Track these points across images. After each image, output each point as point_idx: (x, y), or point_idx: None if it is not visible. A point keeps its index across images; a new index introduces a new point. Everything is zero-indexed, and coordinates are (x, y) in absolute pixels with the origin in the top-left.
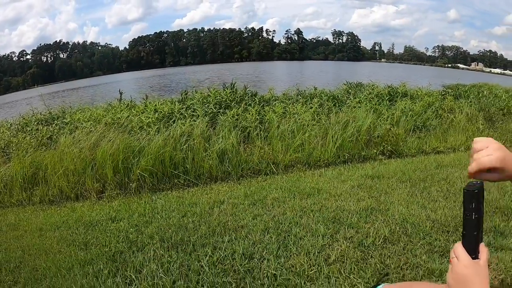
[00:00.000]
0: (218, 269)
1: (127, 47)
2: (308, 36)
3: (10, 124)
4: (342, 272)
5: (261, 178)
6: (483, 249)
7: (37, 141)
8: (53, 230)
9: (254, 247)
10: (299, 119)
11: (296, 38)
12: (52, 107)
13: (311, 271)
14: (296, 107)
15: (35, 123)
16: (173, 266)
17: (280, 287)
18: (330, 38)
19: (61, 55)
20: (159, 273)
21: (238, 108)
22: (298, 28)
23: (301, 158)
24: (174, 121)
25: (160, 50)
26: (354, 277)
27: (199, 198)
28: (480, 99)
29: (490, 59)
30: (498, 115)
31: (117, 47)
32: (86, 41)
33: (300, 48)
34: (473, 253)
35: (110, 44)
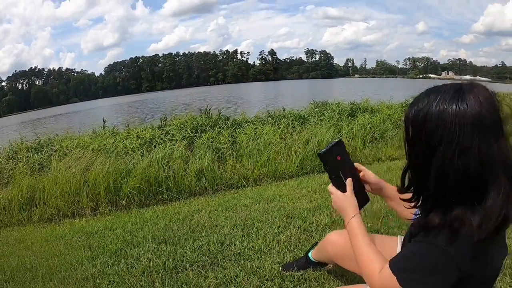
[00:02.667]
0: (197, 252)
1: (103, 73)
2: (282, 56)
3: None
4: (289, 248)
5: (234, 191)
6: (348, 184)
7: (30, 168)
8: (58, 240)
9: (225, 237)
10: (267, 139)
11: (270, 59)
12: (36, 135)
13: (266, 249)
14: (265, 128)
15: (25, 150)
16: (163, 253)
17: (243, 261)
18: (304, 57)
19: (37, 82)
20: (153, 258)
21: (213, 132)
22: (272, 49)
23: (268, 172)
24: (155, 146)
25: (136, 75)
26: (297, 251)
27: (181, 209)
28: None
29: (460, 67)
30: None
31: (93, 73)
32: (62, 68)
33: (274, 69)
34: (342, 189)
35: (86, 70)
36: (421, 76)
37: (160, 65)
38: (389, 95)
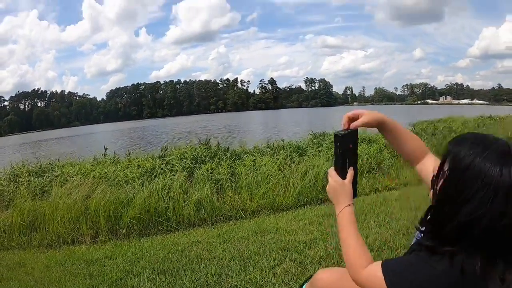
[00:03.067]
0: (195, 284)
1: (105, 98)
2: (281, 84)
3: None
4: (285, 281)
5: (232, 222)
6: (350, 172)
7: (31, 192)
8: (58, 266)
9: (222, 269)
10: (266, 170)
11: (270, 88)
12: (38, 157)
13: (262, 281)
14: (264, 159)
15: (26, 174)
16: (162, 284)
17: None
18: (303, 86)
19: (39, 104)
20: None
21: (212, 163)
22: (272, 78)
23: (266, 204)
24: (156, 176)
25: (137, 101)
26: (292, 283)
27: (180, 239)
28: (435, 135)
29: (458, 91)
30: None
31: (95, 98)
32: (64, 91)
33: (274, 97)
34: (343, 176)
35: (88, 95)
36: (419, 102)
37: (161, 92)
38: None
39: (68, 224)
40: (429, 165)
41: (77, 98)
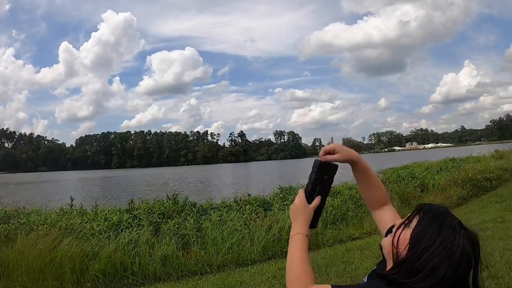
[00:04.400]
0: None
1: (74, 144)
2: (251, 137)
3: None
4: None
5: (197, 277)
6: (316, 200)
7: None
8: None
9: None
10: (232, 225)
11: (240, 140)
12: (2, 205)
13: None
14: (230, 215)
15: None
16: None
17: None
18: (273, 138)
19: (6, 144)
20: None
21: (179, 218)
22: (242, 131)
23: (231, 258)
24: (122, 230)
25: (107, 150)
26: None
27: None
28: (398, 183)
29: (423, 136)
30: (416, 192)
31: (64, 144)
32: (33, 134)
33: (244, 150)
34: (309, 201)
35: (57, 140)
36: (386, 149)
37: (131, 142)
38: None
39: (32, 274)
40: (389, 216)
41: (46, 142)
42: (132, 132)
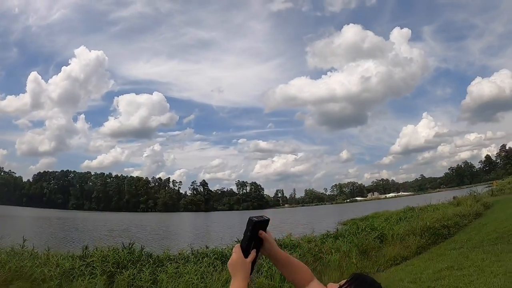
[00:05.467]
0: None
1: (31, 179)
2: (213, 187)
3: None
4: None
5: None
6: (252, 253)
7: None
8: None
9: None
10: (188, 278)
11: (202, 190)
12: None
13: None
14: (187, 267)
15: None
16: None
17: None
18: (235, 189)
19: None
20: None
21: (134, 269)
22: (204, 180)
23: None
24: (74, 277)
25: (65, 189)
26: None
27: None
28: (357, 235)
29: (384, 186)
30: (375, 243)
31: (21, 178)
32: None
33: (205, 199)
34: (246, 255)
35: (14, 172)
36: (348, 200)
37: (91, 183)
38: (313, 226)
39: None
40: None
41: (2, 174)
42: (93, 173)
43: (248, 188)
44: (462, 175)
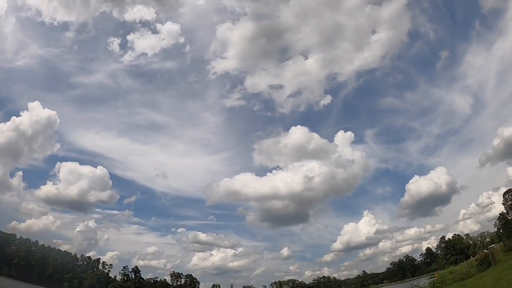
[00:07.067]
0: None
1: None
2: (146, 275)
3: None
4: None
5: None
6: None
7: None
8: None
9: None
10: None
11: (133, 276)
12: None
13: None
14: None
15: None
16: None
17: None
18: (169, 280)
19: None
20: None
21: None
22: (136, 266)
23: None
24: None
25: None
26: None
27: None
28: None
29: (325, 284)
30: None
31: None
32: None
33: (136, 287)
34: None
35: None
36: None
37: (14, 247)
38: None
39: None
40: None
41: None
42: (18, 237)
43: (183, 281)
44: (404, 268)
